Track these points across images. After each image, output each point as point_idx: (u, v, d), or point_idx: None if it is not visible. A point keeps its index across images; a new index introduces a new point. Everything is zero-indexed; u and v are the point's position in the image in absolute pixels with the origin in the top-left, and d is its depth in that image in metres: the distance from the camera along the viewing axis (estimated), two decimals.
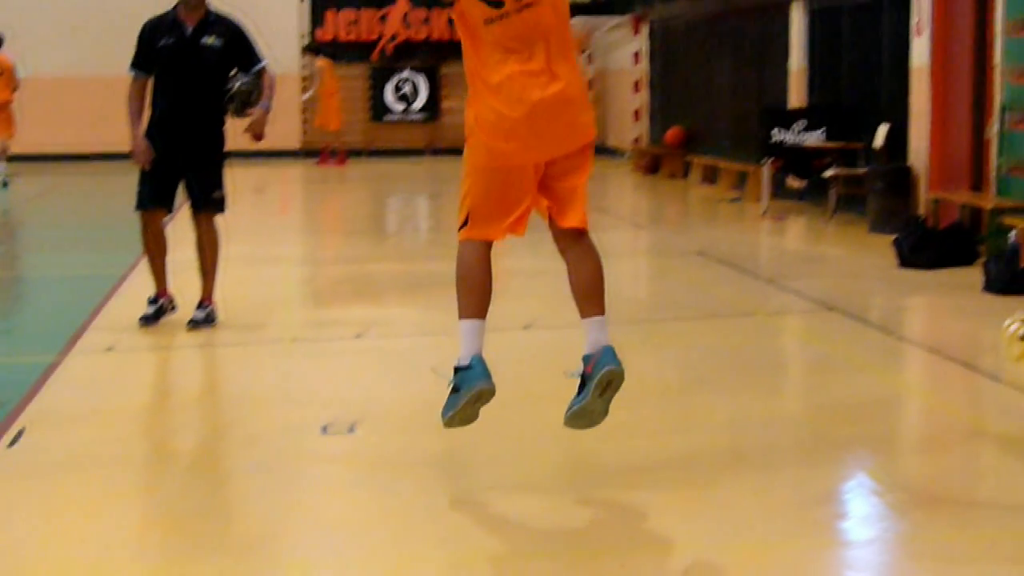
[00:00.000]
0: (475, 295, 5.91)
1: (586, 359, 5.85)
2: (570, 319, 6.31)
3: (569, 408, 5.86)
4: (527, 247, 7.97)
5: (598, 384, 5.76)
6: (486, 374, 5.81)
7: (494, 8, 5.82)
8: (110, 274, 12.14)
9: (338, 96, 27.04)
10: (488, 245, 5.96)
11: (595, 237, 6.07)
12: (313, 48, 27.35)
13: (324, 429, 7.03)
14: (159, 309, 9.94)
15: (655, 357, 8.85)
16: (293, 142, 28.18)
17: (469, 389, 5.79)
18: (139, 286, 10.84)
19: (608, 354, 5.79)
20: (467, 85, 6.05)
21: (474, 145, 5.94)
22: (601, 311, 5.91)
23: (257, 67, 9.76)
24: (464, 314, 5.89)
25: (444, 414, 5.87)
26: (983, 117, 13.71)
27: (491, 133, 5.88)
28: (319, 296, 12.28)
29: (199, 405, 8.07)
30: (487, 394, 5.83)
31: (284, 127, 26.17)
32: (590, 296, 5.91)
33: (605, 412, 5.85)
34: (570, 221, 5.96)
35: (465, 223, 5.93)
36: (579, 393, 5.84)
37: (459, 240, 5.97)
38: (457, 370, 5.84)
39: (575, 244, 6.00)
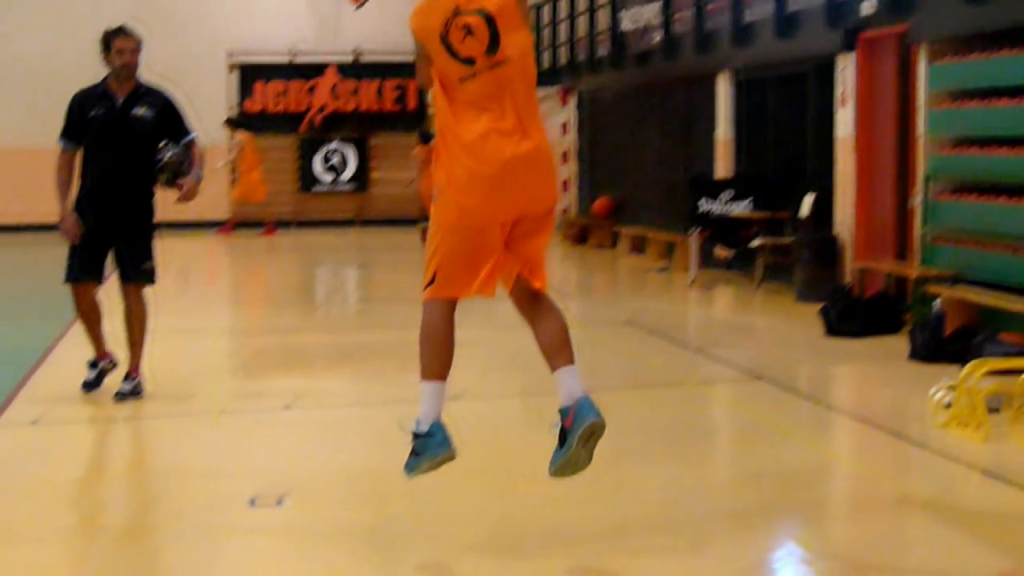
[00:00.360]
0: (438, 356, 6.02)
1: (563, 412, 5.93)
2: (499, 390, 6.31)
3: (553, 461, 5.97)
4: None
5: (581, 436, 5.86)
6: (446, 442, 5.99)
7: (467, 66, 5.95)
8: (36, 346, 12.02)
9: (260, 168, 26.96)
10: (452, 305, 6.06)
11: None
12: (233, 121, 27.27)
13: (252, 502, 6.97)
14: (100, 373, 9.92)
15: None
16: (222, 212, 28.07)
17: (431, 458, 6.00)
18: (66, 357, 10.74)
19: (586, 406, 5.88)
20: (436, 147, 6.21)
21: (444, 204, 6.01)
22: (571, 360, 6.02)
23: (187, 138, 9.75)
24: (426, 375, 6.00)
25: (406, 471, 6.07)
26: (907, 187, 13.88)
27: (463, 190, 5.96)
28: (247, 367, 12.21)
29: (126, 478, 7.98)
30: (448, 460, 6.04)
31: (212, 198, 26.06)
32: (559, 348, 6.02)
33: (589, 459, 5.97)
34: (536, 283, 6.08)
35: (432, 282, 6.01)
36: (561, 446, 5.95)
37: (424, 300, 6.05)
38: (417, 436, 5.93)
39: (538, 304, 6.15)
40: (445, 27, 6.04)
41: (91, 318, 9.81)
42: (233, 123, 27.24)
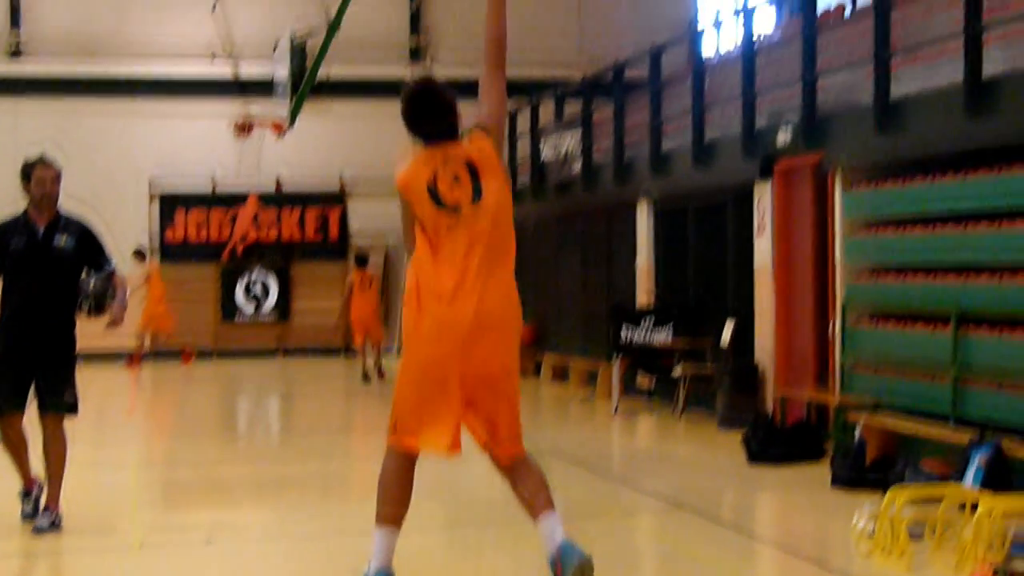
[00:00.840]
0: (390, 504, 6.10)
1: (552, 563, 5.96)
2: (423, 523, 6.24)
3: None
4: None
5: None
6: None
7: (453, 214, 6.13)
8: None
9: (165, 300, 26.78)
10: (411, 459, 6.11)
11: None
12: (140, 253, 27.08)
13: None
14: (35, 501, 9.78)
15: (507, 560, 8.78)
16: (133, 342, 27.84)
17: None
18: None
19: (568, 549, 5.92)
20: (404, 290, 6.27)
21: (409, 353, 6.11)
22: (551, 507, 6.11)
23: (108, 267, 9.72)
24: (378, 521, 6.05)
25: None
26: (826, 314, 14.01)
27: (429, 340, 6.05)
28: (167, 499, 12.05)
29: None
30: None
31: (131, 327, 25.87)
32: (536, 498, 6.14)
33: None
34: (506, 448, 6.15)
35: (393, 429, 6.07)
36: None
37: (386, 445, 6.10)
38: None
39: (514, 464, 6.22)
40: (433, 177, 6.17)
41: (18, 448, 9.70)
42: (139, 254, 27.02)
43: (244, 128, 27.35)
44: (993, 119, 11.21)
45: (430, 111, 6.23)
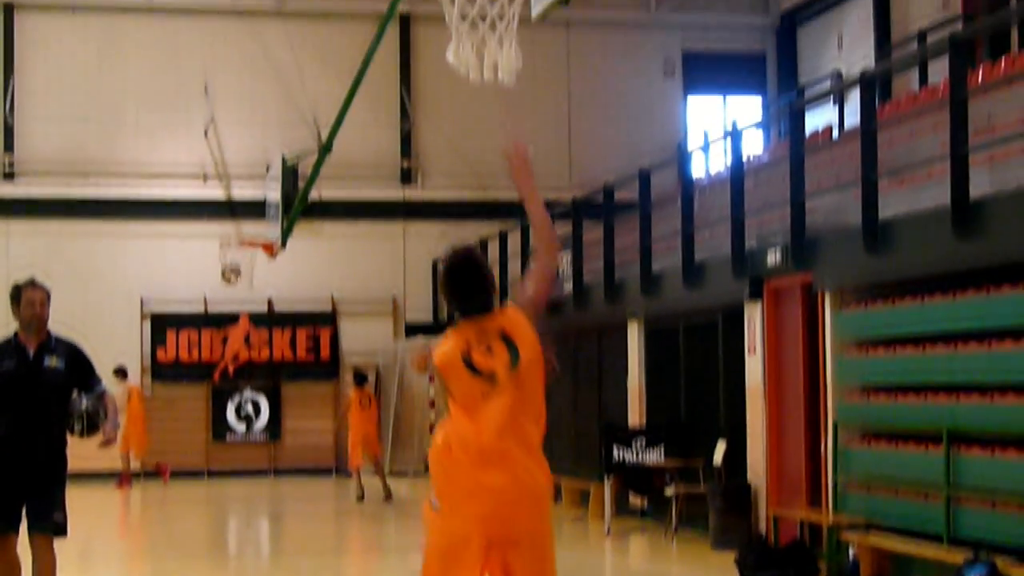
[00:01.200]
0: None
1: None
2: None
3: None
4: None
5: None
6: None
7: (488, 382, 6.23)
8: None
9: (143, 419, 26.63)
10: None
11: None
12: (121, 371, 26.97)
13: None
14: None
15: None
16: (132, 462, 27.72)
17: None
18: None
19: None
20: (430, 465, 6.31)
21: (430, 525, 6.20)
22: None
23: (98, 388, 9.74)
24: None
25: None
26: (818, 434, 14.01)
27: (457, 501, 6.13)
28: None
29: None
30: None
31: (111, 447, 25.77)
32: None
33: None
34: None
35: None
36: None
37: None
38: None
39: None
40: (467, 347, 6.29)
41: (12, 572, 9.63)
42: (121, 372, 26.91)
43: (232, 273, 27.58)
44: (981, 240, 11.30)
45: (468, 286, 6.37)
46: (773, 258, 14.82)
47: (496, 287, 6.50)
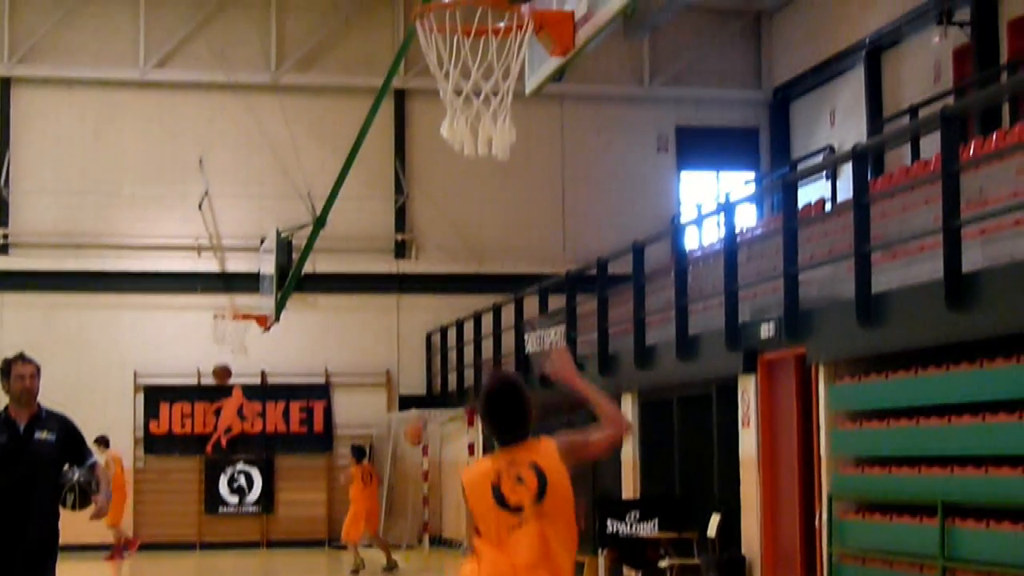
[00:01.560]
0: None
1: None
2: None
3: None
4: None
5: None
6: None
7: (515, 514, 6.20)
8: None
9: (123, 489, 26.46)
10: None
11: None
12: (103, 440, 26.82)
13: None
14: None
15: None
16: (126, 532, 27.61)
17: None
18: None
19: None
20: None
21: None
22: None
23: (90, 460, 9.73)
24: None
25: None
26: (812, 506, 13.99)
27: None
28: None
29: None
30: None
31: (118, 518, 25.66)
32: None
33: None
34: None
35: None
36: None
37: None
38: None
39: None
40: (497, 476, 6.27)
41: None
42: (103, 441, 26.75)
43: (223, 374, 27.67)
44: (974, 313, 11.34)
45: (508, 416, 6.38)
46: (767, 331, 14.85)
47: (535, 415, 6.48)
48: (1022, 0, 21.94)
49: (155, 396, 28.86)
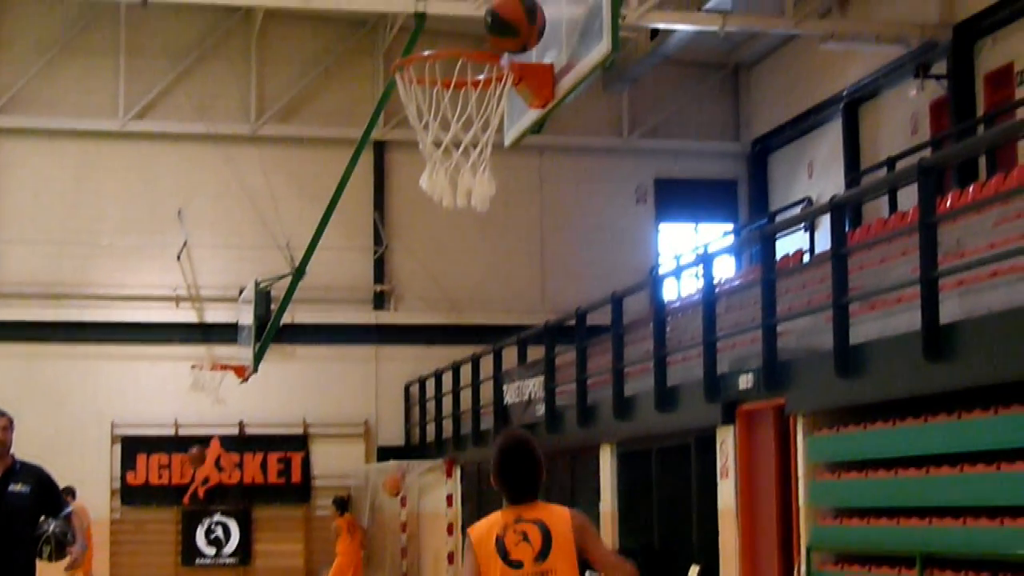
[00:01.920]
0: None
1: None
2: None
3: None
4: None
5: None
6: None
7: (514, 569, 6.37)
8: None
9: (90, 542, 26.24)
10: None
11: None
12: (69, 491, 26.63)
13: None
14: None
15: None
16: None
17: None
18: None
19: None
20: None
21: None
22: None
23: (65, 511, 9.70)
24: None
25: None
26: (791, 558, 13.97)
27: None
28: None
29: None
30: None
31: (97, 568, 25.52)
32: None
33: None
34: None
35: None
36: None
37: None
38: None
39: None
40: (503, 530, 6.42)
41: None
42: (69, 491, 26.57)
43: (198, 458, 27.64)
44: (952, 364, 11.36)
45: (520, 475, 6.50)
46: (745, 382, 14.86)
47: (546, 474, 6.58)
48: (998, 54, 22.12)
49: (132, 447, 28.75)
